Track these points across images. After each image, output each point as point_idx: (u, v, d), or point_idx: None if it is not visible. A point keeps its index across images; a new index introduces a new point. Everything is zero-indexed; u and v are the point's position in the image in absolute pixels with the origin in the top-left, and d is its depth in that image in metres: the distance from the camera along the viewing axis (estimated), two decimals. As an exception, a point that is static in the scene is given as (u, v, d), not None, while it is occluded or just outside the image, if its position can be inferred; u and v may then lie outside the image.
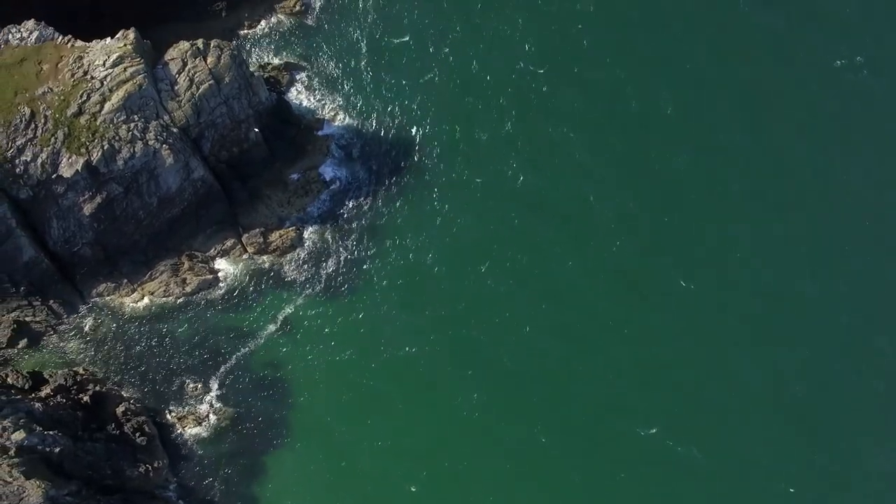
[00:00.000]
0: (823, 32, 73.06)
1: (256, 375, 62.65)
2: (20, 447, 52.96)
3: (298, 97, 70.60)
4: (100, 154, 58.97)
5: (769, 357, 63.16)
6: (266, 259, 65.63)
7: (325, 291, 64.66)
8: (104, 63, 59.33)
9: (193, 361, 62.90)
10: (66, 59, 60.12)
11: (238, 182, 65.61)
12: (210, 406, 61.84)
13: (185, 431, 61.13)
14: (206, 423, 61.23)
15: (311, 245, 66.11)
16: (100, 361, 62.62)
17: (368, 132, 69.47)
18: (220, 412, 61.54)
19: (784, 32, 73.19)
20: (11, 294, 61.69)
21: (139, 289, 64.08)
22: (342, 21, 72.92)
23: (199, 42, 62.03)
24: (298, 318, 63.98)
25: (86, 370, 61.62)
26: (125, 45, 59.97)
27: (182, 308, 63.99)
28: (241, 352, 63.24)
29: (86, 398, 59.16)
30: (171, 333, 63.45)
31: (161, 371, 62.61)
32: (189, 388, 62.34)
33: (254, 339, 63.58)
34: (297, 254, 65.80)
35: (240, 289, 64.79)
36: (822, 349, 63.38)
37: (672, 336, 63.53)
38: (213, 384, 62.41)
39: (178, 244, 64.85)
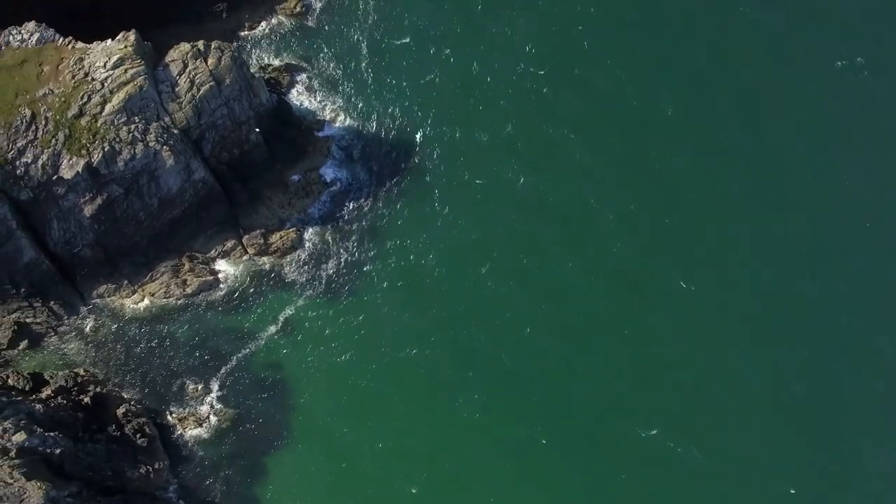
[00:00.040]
0: (823, 33, 73.20)
1: (257, 377, 62.65)
2: (21, 448, 52.96)
3: (299, 98, 70.58)
4: (100, 155, 58.99)
5: (769, 357, 63.20)
6: (267, 260, 65.64)
7: (326, 293, 64.69)
8: (105, 65, 59.35)
9: (194, 362, 62.89)
10: (67, 61, 60.13)
11: (239, 183, 65.60)
12: (211, 407, 61.83)
13: (186, 433, 61.09)
14: (207, 425, 61.19)
15: (312, 246, 66.10)
16: (100, 363, 62.57)
17: (369, 133, 69.49)
18: (221, 413, 61.53)
19: (784, 33, 73.34)
20: (12, 295, 61.70)
21: (140, 290, 64.08)
22: (343, 22, 72.95)
23: (200, 43, 62.05)
24: (299, 320, 63.97)
25: (86, 371, 61.61)
26: (126, 47, 59.97)
27: (182, 309, 63.97)
28: (242, 353, 63.21)
29: (86, 399, 59.17)
30: (172, 335, 63.43)
31: (162, 372, 62.58)
32: (190, 390, 62.33)
33: (254, 341, 63.58)
34: (298, 255, 65.80)
35: (240, 290, 64.79)
36: (822, 349, 63.44)
37: (672, 336, 63.59)
38: (214, 385, 62.39)
39: (179, 245, 64.83)
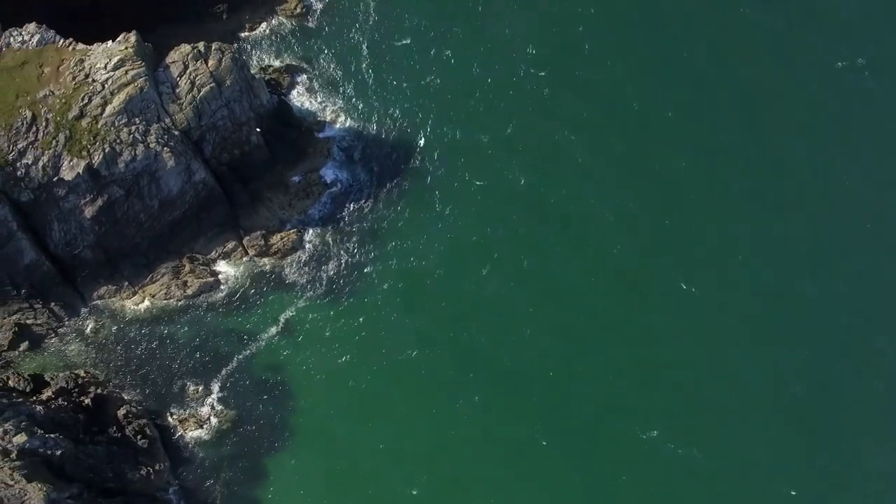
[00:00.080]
0: (824, 33, 73.27)
1: (257, 378, 62.62)
2: (21, 450, 52.99)
3: (299, 99, 70.56)
4: (101, 157, 58.98)
5: (769, 357, 63.22)
6: (267, 261, 65.62)
7: (327, 294, 64.65)
8: (105, 66, 59.35)
9: (194, 364, 62.86)
10: (68, 62, 60.13)
11: (239, 184, 65.59)
12: (211, 409, 61.79)
13: (187, 434, 61.07)
14: (208, 426, 61.17)
15: (312, 247, 66.08)
16: (101, 364, 62.55)
17: (369, 134, 69.48)
18: (222, 415, 61.50)
19: (785, 33, 73.42)
20: (12, 297, 61.70)
21: (140, 291, 64.07)
22: (343, 23, 72.95)
23: (201, 45, 62.05)
24: (299, 321, 63.94)
25: (87, 373, 61.59)
26: (126, 48, 59.96)
27: (183, 310, 63.96)
28: (243, 354, 63.19)
29: (87, 401, 59.16)
30: (172, 336, 63.41)
31: (162, 373, 62.56)
32: (190, 391, 62.32)
33: (255, 342, 63.57)
34: (299, 256, 65.78)
35: (241, 291, 64.76)
36: (822, 349, 63.47)
37: (672, 336, 63.61)
38: (215, 387, 62.36)
39: (180, 247, 64.81)
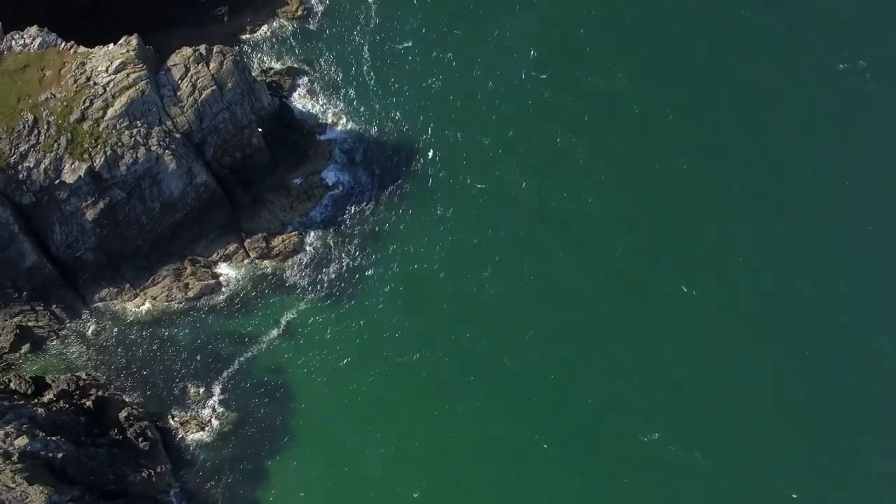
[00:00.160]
0: (825, 35, 73.19)
1: (259, 380, 62.68)
2: (23, 453, 53.03)
3: (301, 102, 70.56)
4: (102, 160, 59.00)
5: (769, 357, 63.26)
6: (268, 264, 65.65)
7: (328, 296, 64.66)
8: (107, 69, 59.34)
9: (196, 366, 62.91)
10: (69, 65, 60.10)
11: (241, 187, 65.61)
12: (212, 411, 61.83)
13: (188, 436, 61.11)
14: (209, 428, 61.23)
15: (314, 250, 66.09)
16: (102, 366, 62.61)
17: (371, 137, 69.49)
18: (223, 417, 61.55)
19: (785, 35, 73.31)
20: (14, 299, 61.73)
21: (142, 294, 64.11)
22: (344, 26, 72.94)
23: (202, 48, 62.03)
24: (301, 323, 63.96)
25: (88, 375, 61.64)
26: (128, 51, 59.95)
27: (184, 313, 63.99)
28: (244, 357, 63.24)
29: (88, 403, 59.19)
30: (174, 338, 63.46)
31: (163, 376, 62.61)
32: (191, 393, 62.36)
33: (256, 344, 63.61)
34: (300, 258, 65.80)
35: (242, 294, 64.79)
36: (823, 349, 63.49)
37: (673, 337, 63.62)
38: (216, 389, 62.41)
39: (181, 249, 64.85)
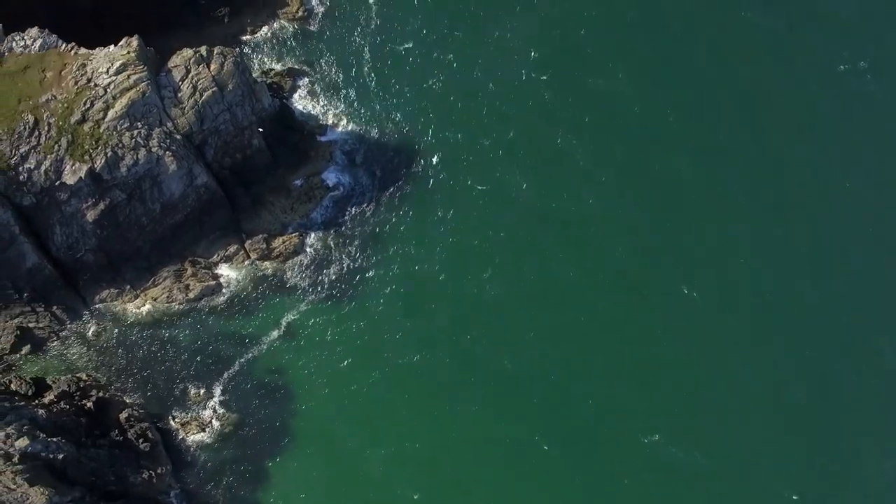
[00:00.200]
0: (825, 36, 73.16)
1: (259, 381, 62.70)
2: (24, 454, 53.05)
3: (301, 103, 70.55)
4: (103, 161, 59.03)
5: (769, 357, 63.26)
6: (269, 265, 65.66)
7: (328, 298, 64.65)
8: (108, 70, 59.38)
9: (196, 367, 62.92)
10: (70, 67, 60.13)
11: (241, 188, 65.63)
12: (213, 412, 61.85)
13: (189, 437, 61.13)
14: (210, 429, 61.25)
15: (314, 251, 66.07)
16: (103, 367, 62.61)
17: (371, 138, 69.48)
18: (223, 418, 61.57)
19: (786, 36, 73.28)
20: (15, 300, 61.77)
21: (142, 295, 64.12)
22: (345, 27, 72.91)
23: (203, 49, 62.06)
24: (301, 325, 63.97)
25: (89, 376, 61.64)
26: (128, 53, 59.97)
27: (185, 314, 63.99)
28: (244, 358, 63.26)
29: (89, 404, 59.18)
30: (174, 339, 63.46)
31: (164, 377, 62.63)
32: (192, 394, 62.40)
33: (257, 345, 63.62)
34: (300, 260, 65.80)
35: (242, 295, 64.80)
36: (823, 349, 63.50)
37: (673, 338, 63.57)
38: (216, 390, 62.42)
39: (182, 250, 64.87)
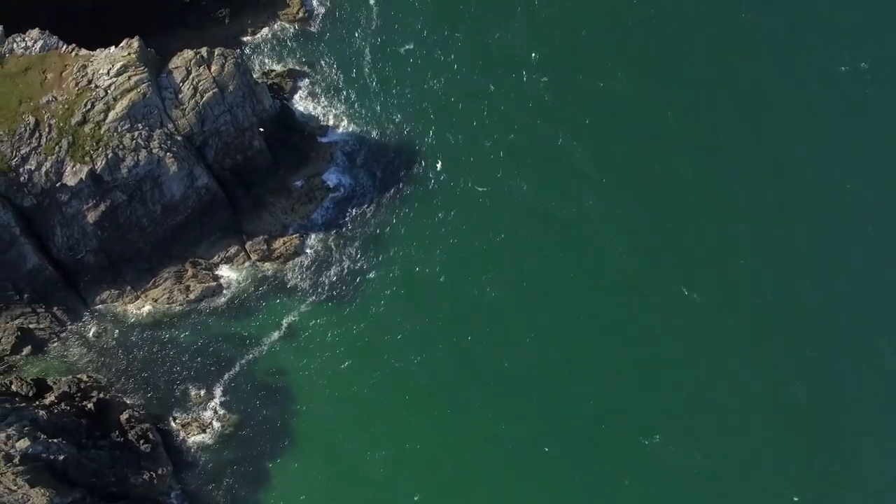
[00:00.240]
0: (826, 38, 73.10)
1: (260, 383, 62.68)
2: (24, 455, 53.05)
3: (302, 104, 70.51)
4: (104, 162, 59.06)
5: (770, 358, 63.27)
6: (269, 266, 65.67)
7: (329, 299, 64.65)
8: (108, 72, 59.39)
9: (197, 368, 62.91)
10: (71, 68, 60.15)
11: (242, 189, 65.64)
12: (214, 413, 61.86)
13: (189, 438, 61.13)
14: (210, 431, 61.25)
15: (315, 252, 66.06)
16: (103, 368, 62.60)
17: (372, 139, 69.47)
18: (224, 419, 61.59)
19: (787, 39, 73.22)
20: (15, 301, 61.76)
21: (143, 296, 64.13)
22: (345, 28, 72.87)
23: (203, 50, 62.08)
24: (302, 326, 63.96)
25: (89, 377, 61.62)
26: (129, 54, 59.99)
27: (185, 315, 63.97)
28: (245, 359, 63.25)
29: (90, 405, 59.16)
30: (175, 340, 63.47)
31: (165, 378, 62.62)
32: (193, 396, 62.42)
33: (257, 347, 63.63)
34: (301, 261, 65.80)
35: (243, 296, 64.80)
36: (823, 349, 63.49)
37: (673, 338, 63.55)
38: (217, 391, 62.42)
39: (182, 251, 64.89)
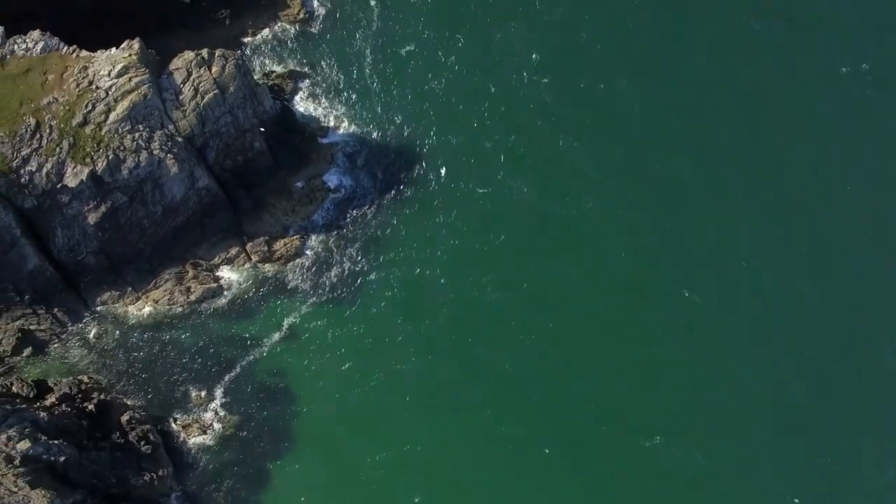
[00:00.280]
0: (825, 37, 73.22)
1: (261, 384, 62.67)
2: (25, 457, 53.04)
3: (303, 105, 70.52)
4: (104, 164, 59.05)
5: (770, 358, 63.30)
6: (270, 267, 65.66)
7: (330, 300, 64.61)
8: (109, 73, 59.39)
9: (198, 370, 62.90)
10: (72, 70, 60.15)
11: (243, 190, 65.62)
12: (214, 414, 61.84)
13: (190, 440, 61.10)
14: (211, 432, 61.20)
15: (316, 254, 66.03)
16: (104, 370, 62.53)
17: (373, 140, 69.46)
18: (225, 420, 61.58)
19: (786, 37, 73.29)
20: (16, 302, 61.72)
21: (143, 297, 64.11)
22: (346, 29, 72.86)
23: (204, 52, 62.09)
24: (302, 327, 63.94)
25: (90, 378, 61.60)
26: (130, 55, 60.01)
27: (186, 316, 63.94)
28: (246, 360, 63.22)
29: (90, 407, 59.14)
30: (176, 342, 63.45)
31: (165, 379, 62.60)
32: (193, 397, 62.40)
33: (258, 348, 63.62)
34: (302, 262, 65.80)
35: (244, 297, 64.77)
36: (823, 350, 63.53)
37: (673, 339, 63.58)
38: (218, 392, 62.40)
39: (183, 253, 64.88)
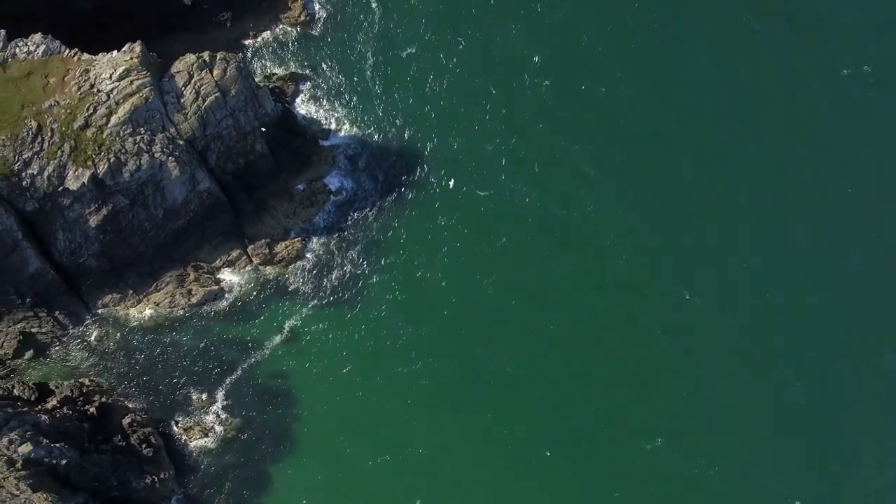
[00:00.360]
0: (826, 38, 73.19)
1: (262, 387, 62.73)
2: (27, 460, 53.15)
3: (304, 107, 70.53)
4: (106, 167, 59.09)
5: (770, 359, 63.37)
6: (271, 270, 65.68)
7: (331, 303, 64.64)
8: (111, 76, 59.43)
9: (199, 372, 62.97)
10: (73, 73, 60.21)
11: (244, 193, 65.65)
12: (216, 417, 61.90)
13: (191, 442, 61.19)
14: (212, 434, 61.30)
15: (317, 256, 66.09)
16: (105, 372, 62.65)
17: (374, 142, 69.50)
18: (226, 423, 61.62)
19: (786, 39, 73.25)
20: (17, 305, 61.81)
21: (145, 300, 64.14)
22: (347, 31, 72.84)
23: (206, 54, 62.11)
24: (303, 330, 63.99)
25: (92, 381, 61.69)
26: (131, 58, 60.04)
27: (187, 319, 64.00)
28: (247, 363, 63.28)
29: (92, 410, 59.23)
30: (177, 344, 63.51)
31: (166, 382, 62.67)
32: (195, 399, 62.44)
33: (259, 351, 63.64)
34: (303, 265, 65.83)
35: (245, 300, 64.83)
36: (823, 351, 63.61)
37: (673, 341, 63.64)
38: (219, 395, 62.47)
39: (184, 255, 64.92)
